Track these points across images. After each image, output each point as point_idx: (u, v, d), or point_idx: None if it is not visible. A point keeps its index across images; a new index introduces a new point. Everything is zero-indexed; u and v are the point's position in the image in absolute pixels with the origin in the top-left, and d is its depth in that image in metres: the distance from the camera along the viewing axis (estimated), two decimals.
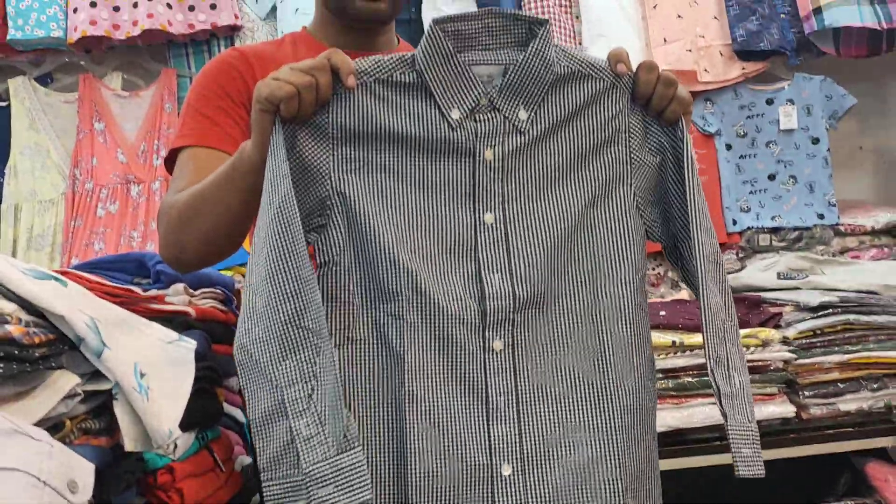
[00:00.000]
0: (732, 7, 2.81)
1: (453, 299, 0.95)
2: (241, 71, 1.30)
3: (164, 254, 1.20)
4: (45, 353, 0.91)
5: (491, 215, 0.97)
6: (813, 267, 2.12)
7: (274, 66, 1.30)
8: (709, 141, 2.89)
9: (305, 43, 1.39)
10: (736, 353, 0.98)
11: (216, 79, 1.31)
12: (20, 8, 2.54)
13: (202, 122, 1.27)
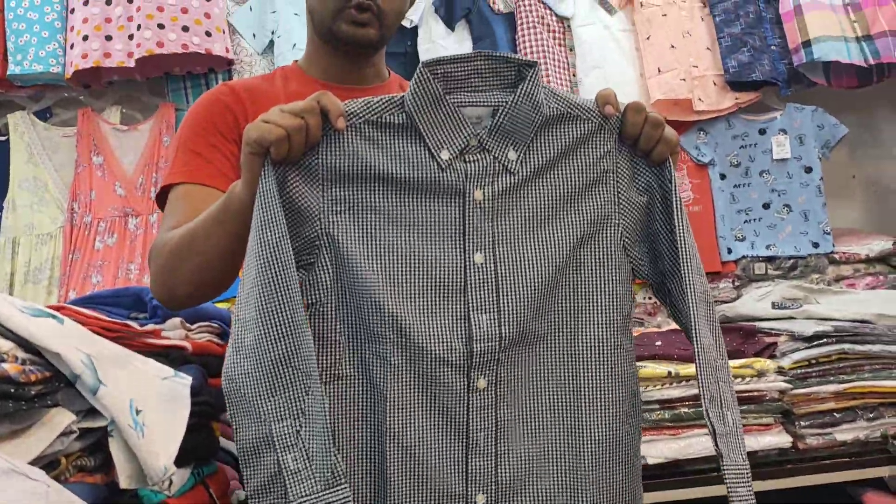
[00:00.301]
0: (724, 39, 2.85)
1: (439, 342, 0.95)
2: (231, 107, 1.31)
3: (156, 292, 1.20)
4: (41, 390, 0.92)
5: (481, 255, 0.98)
6: (807, 296, 2.13)
7: (265, 100, 1.31)
8: (703, 170, 2.91)
9: (296, 77, 1.39)
10: (728, 391, 0.99)
11: (207, 115, 1.31)
12: (19, 43, 2.57)
13: (194, 159, 1.27)
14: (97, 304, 1.58)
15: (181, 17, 2.60)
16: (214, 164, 1.26)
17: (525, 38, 2.85)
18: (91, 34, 2.61)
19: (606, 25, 2.90)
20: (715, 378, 0.98)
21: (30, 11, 2.60)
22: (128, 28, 2.64)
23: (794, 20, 2.82)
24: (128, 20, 2.63)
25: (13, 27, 2.58)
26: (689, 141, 2.91)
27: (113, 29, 2.63)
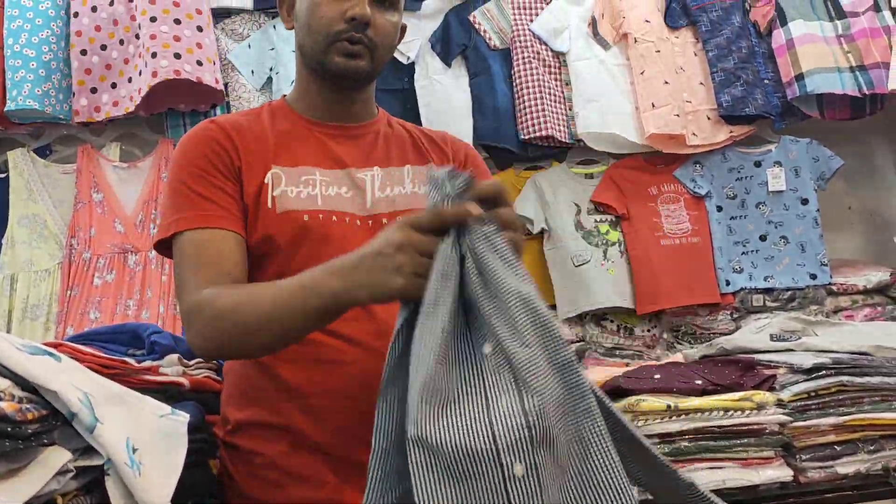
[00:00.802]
0: (717, 74, 2.88)
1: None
2: (224, 145, 1.28)
3: (201, 347, 1.16)
4: (37, 429, 0.91)
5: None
6: (805, 328, 2.13)
7: (253, 138, 1.29)
8: (699, 202, 2.93)
9: (284, 114, 1.37)
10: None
11: (203, 154, 1.26)
12: (15, 79, 2.60)
13: (199, 203, 1.23)
14: (95, 340, 1.58)
15: (173, 45, 2.62)
16: (221, 205, 1.23)
17: (521, 73, 2.88)
18: (98, 85, 2.66)
19: (602, 60, 2.94)
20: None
21: (26, 48, 2.63)
22: (126, 72, 2.67)
23: (787, 54, 2.85)
24: (124, 62, 2.67)
25: (10, 63, 2.61)
26: (686, 173, 2.93)
27: (115, 76, 2.66)
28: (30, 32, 2.65)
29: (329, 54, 1.28)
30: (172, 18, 2.64)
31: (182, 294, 1.18)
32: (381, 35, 1.30)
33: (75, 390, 0.96)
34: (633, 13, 2.93)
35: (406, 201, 1.32)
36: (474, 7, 2.98)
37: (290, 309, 1.04)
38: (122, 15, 2.70)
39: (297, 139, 1.32)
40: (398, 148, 1.40)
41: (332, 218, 1.26)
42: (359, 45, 1.28)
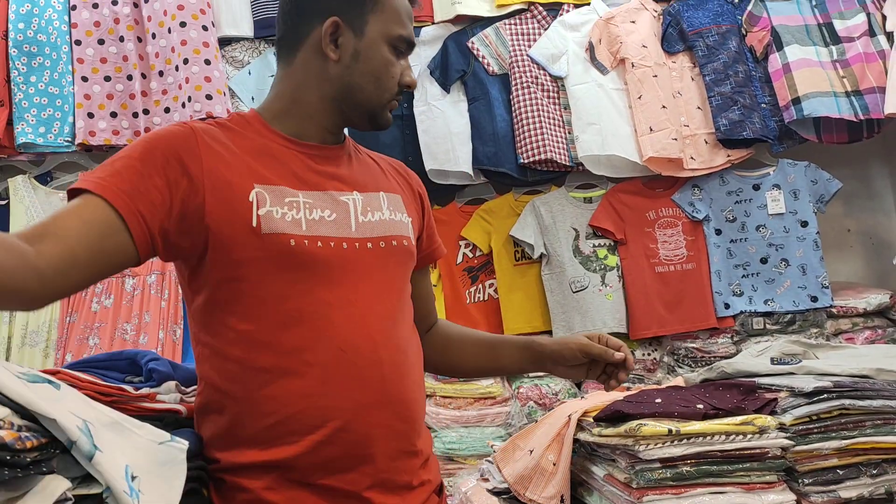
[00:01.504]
0: (714, 98, 2.90)
1: None
2: (196, 143, 1.21)
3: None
4: (36, 457, 0.91)
5: None
6: (806, 351, 2.12)
7: (221, 147, 1.22)
8: (697, 227, 2.93)
9: (257, 128, 1.32)
10: None
11: (172, 143, 1.19)
12: (23, 106, 2.66)
13: (134, 182, 1.13)
14: (93, 367, 1.57)
15: (180, 96, 2.72)
16: (149, 196, 1.14)
17: (520, 98, 2.90)
18: (95, 112, 2.70)
19: (600, 84, 2.96)
20: None
21: (33, 83, 2.67)
22: (132, 106, 2.72)
23: (784, 78, 2.88)
24: (130, 97, 2.71)
25: (17, 98, 2.67)
26: (684, 197, 2.94)
27: (116, 105, 2.70)
28: (40, 68, 2.71)
29: (385, 110, 1.34)
30: (182, 59, 2.73)
31: None
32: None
33: (74, 418, 0.95)
34: (631, 38, 2.96)
35: (386, 227, 1.32)
36: (473, 33, 3.00)
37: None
38: (131, 52, 2.79)
39: (277, 158, 1.29)
40: (369, 173, 1.41)
41: (317, 243, 1.23)
42: (397, 104, 1.36)
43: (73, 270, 1.07)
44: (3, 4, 2.74)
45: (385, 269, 1.29)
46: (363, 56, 1.31)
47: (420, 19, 3.00)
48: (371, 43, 1.30)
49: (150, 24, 2.78)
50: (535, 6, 3.05)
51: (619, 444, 1.81)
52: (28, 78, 2.70)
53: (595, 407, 2.01)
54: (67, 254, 1.06)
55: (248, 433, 1.22)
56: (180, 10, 2.76)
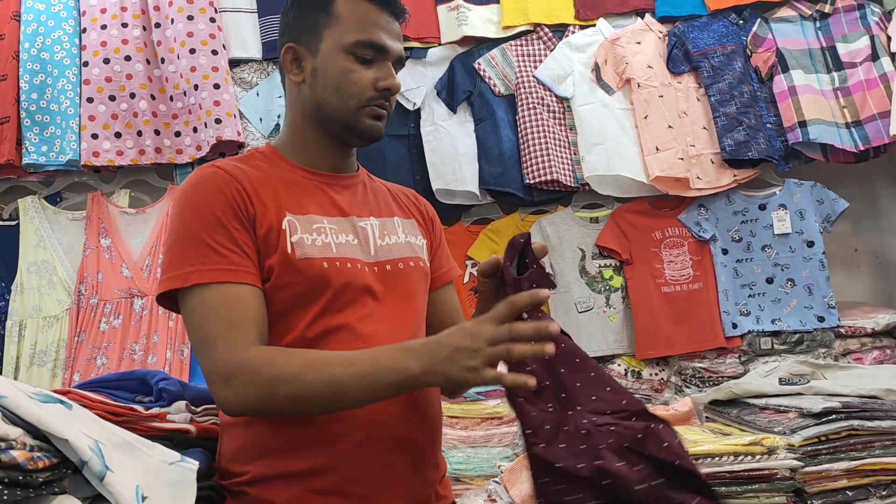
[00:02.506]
0: (720, 118, 2.91)
1: None
2: (238, 191, 1.25)
3: (238, 407, 1.15)
4: (48, 477, 0.91)
5: None
6: (814, 372, 2.12)
7: (259, 186, 1.27)
8: (703, 247, 2.94)
9: (278, 162, 1.36)
10: None
11: (217, 201, 1.23)
12: (25, 125, 2.70)
13: (221, 253, 1.19)
14: (102, 387, 1.57)
15: (191, 120, 2.78)
16: (245, 260, 1.21)
17: (526, 119, 2.92)
18: (99, 132, 2.73)
19: (606, 104, 2.97)
20: None
21: (35, 100, 2.70)
22: (135, 124, 2.75)
23: (789, 99, 2.89)
24: (133, 115, 2.75)
25: (24, 120, 2.71)
26: (690, 217, 2.94)
27: (120, 125, 2.73)
28: (42, 86, 2.74)
29: (360, 117, 1.32)
30: (192, 85, 2.78)
31: (214, 352, 1.14)
32: (394, 100, 1.37)
33: (86, 438, 0.96)
34: (636, 59, 2.98)
35: (401, 250, 1.37)
36: (479, 54, 3.02)
37: (363, 381, 1.11)
38: (139, 72, 2.82)
39: (300, 188, 1.34)
40: (383, 200, 1.45)
41: (346, 265, 1.27)
42: (385, 111, 1.34)
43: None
44: (15, 26, 2.77)
45: (404, 288, 1.34)
46: (320, 71, 1.34)
47: (427, 40, 3.02)
48: (326, 57, 1.34)
49: (159, 49, 2.82)
50: (541, 27, 3.07)
51: None
52: (30, 96, 2.72)
53: None
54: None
55: (277, 444, 1.24)
56: (189, 36, 2.80)
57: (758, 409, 2.03)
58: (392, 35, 1.34)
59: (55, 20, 2.79)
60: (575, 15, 3.10)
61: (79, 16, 2.82)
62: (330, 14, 1.34)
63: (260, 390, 1.12)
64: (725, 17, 3.09)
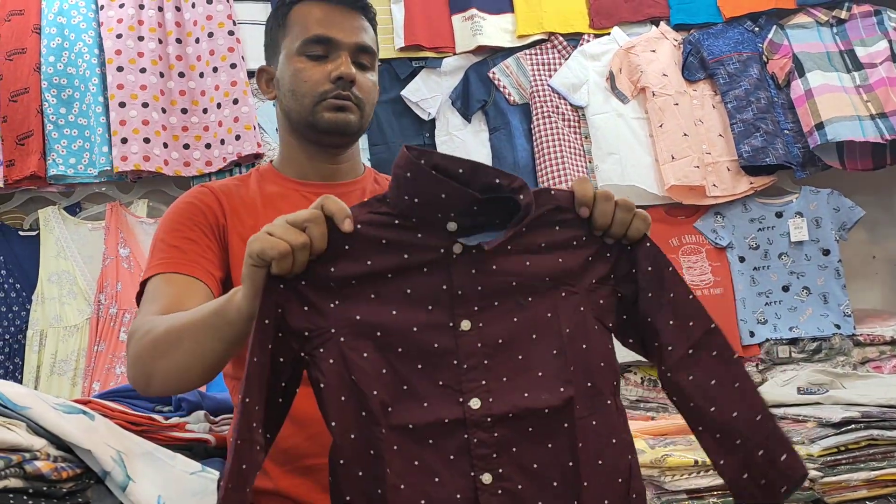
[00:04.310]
0: (737, 125, 2.90)
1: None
2: (209, 205, 1.31)
3: (132, 377, 1.14)
4: (71, 487, 0.93)
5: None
6: (833, 381, 2.10)
7: (240, 203, 1.32)
8: (721, 254, 2.93)
9: (272, 178, 1.40)
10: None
11: (185, 213, 1.31)
12: (52, 138, 2.74)
13: (171, 252, 1.26)
14: (122, 397, 1.59)
15: (204, 136, 2.84)
16: (191, 255, 1.25)
17: (540, 128, 2.92)
18: (129, 137, 2.76)
19: (620, 113, 2.97)
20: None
21: (63, 114, 2.73)
22: (163, 136, 2.79)
23: (806, 103, 2.88)
24: (163, 128, 2.79)
25: (49, 130, 2.76)
26: (707, 224, 2.93)
27: (150, 132, 2.76)
28: (70, 100, 2.79)
29: (318, 113, 1.32)
30: (216, 104, 2.83)
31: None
32: (366, 92, 1.35)
33: (109, 449, 0.97)
34: (651, 67, 2.98)
35: None
36: (494, 64, 3.03)
37: (195, 316, 1.05)
38: (172, 90, 2.87)
39: (285, 200, 1.35)
40: None
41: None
42: (347, 101, 1.33)
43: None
44: (36, 39, 2.81)
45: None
46: (280, 81, 1.38)
47: (441, 50, 3.04)
48: (282, 66, 1.37)
49: (178, 64, 2.85)
50: (556, 36, 3.07)
51: (645, 475, 1.81)
52: (58, 110, 2.76)
53: None
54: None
55: (272, 454, 1.24)
56: (212, 54, 2.86)
57: (776, 419, 2.02)
58: (346, 28, 1.34)
59: (76, 32, 2.83)
60: (589, 24, 3.10)
61: (98, 27, 2.85)
62: (284, 25, 1.37)
63: (134, 352, 1.12)
64: (741, 24, 3.09)
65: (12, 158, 2.70)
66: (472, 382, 0.96)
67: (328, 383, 0.93)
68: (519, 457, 0.96)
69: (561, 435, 0.97)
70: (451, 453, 0.94)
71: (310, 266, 0.93)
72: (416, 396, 0.95)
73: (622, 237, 1.01)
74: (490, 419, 0.95)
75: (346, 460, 0.93)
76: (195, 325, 1.04)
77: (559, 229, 1.00)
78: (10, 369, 2.66)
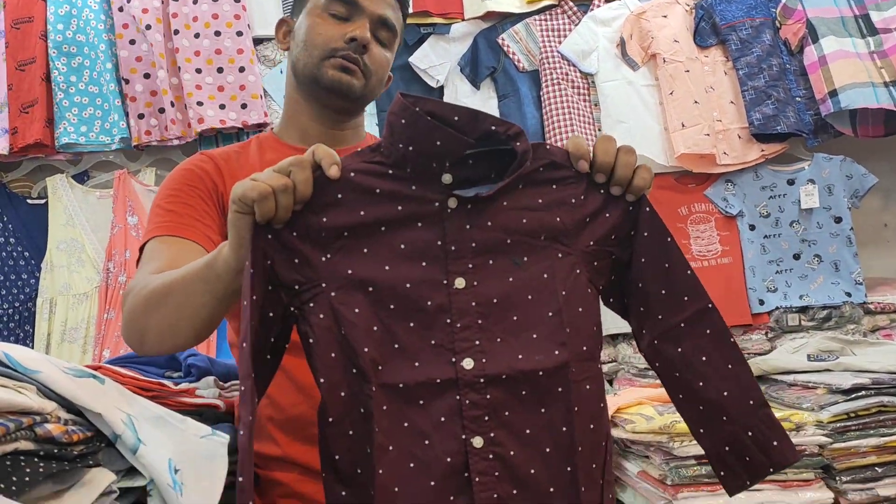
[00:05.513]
0: (748, 92, 2.87)
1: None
2: (208, 171, 1.31)
3: (126, 335, 1.14)
4: (82, 450, 0.93)
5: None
6: (843, 348, 2.10)
7: (238, 168, 1.32)
8: (730, 222, 2.91)
9: (271, 145, 1.39)
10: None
11: (184, 179, 1.31)
12: (63, 106, 2.71)
13: (169, 216, 1.26)
14: (132, 363, 1.60)
15: (218, 96, 2.78)
16: (188, 220, 1.25)
17: (549, 95, 2.89)
18: (145, 112, 2.75)
19: (630, 81, 2.94)
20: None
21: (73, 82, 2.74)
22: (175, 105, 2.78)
23: (819, 70, 2.84)
24: (176, 99, 2.78)
25: (58, 98, 2.73)
26: (717, 192, 2.91)
27: (166, 102, 2.75)
28: (80, 69, 2.76)
29: (323, 68, 1.31)
30: (216, 68, 2.79)
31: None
32: (376, 64, 1.34)
33: (119, 412, 0.97)
34: (662, 33, 2.94)
35: None
36: (503, 30, 3.00)
37: (187, 272, 1.05)
38: (169, 52, 2.82)
39: None
40: None
41: None
42: (354, 65, 1.31)
43: None
44: (42, 6, 2.78)
45: None
46: (296, 34, 1.37)
47: (450, 16, 3.00)
48: (301, 19, 1.36)
49: (174, 21, 2.80)
50: (566, 2, 3.03)
51: (654, 440, 1.81)
52: (68, 78, 2.74)
53: (627, 404, 2.01)
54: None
55: (269, 429, 1.25)
56: (215, 18, 2.81)
57: (786, 386, 2.02)
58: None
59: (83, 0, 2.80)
60: None
61: None
62: None
63: (127, 304, 1.13)
64: None
65: (16, 126, 2.69)
66: (465, 342, 0.94)
67: (318, 339, 0.92)
68: (511, 421, 0.95)
69: (555, 399, 0.96)
70: (442, 415, 0.93)
71: (300, 216, 0.91)
72: (408, 355, 0.94)
73: (626, 186, 0.98)
74: (483, 380, 0.94)
75: (335, 418, 0.92)
76: (185, 280, 1.04)
77: (556, 188, 0.99)
78: (20, 337, 2.68)
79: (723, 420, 0.99)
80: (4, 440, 0.82)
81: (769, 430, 0.99)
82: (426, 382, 0.93)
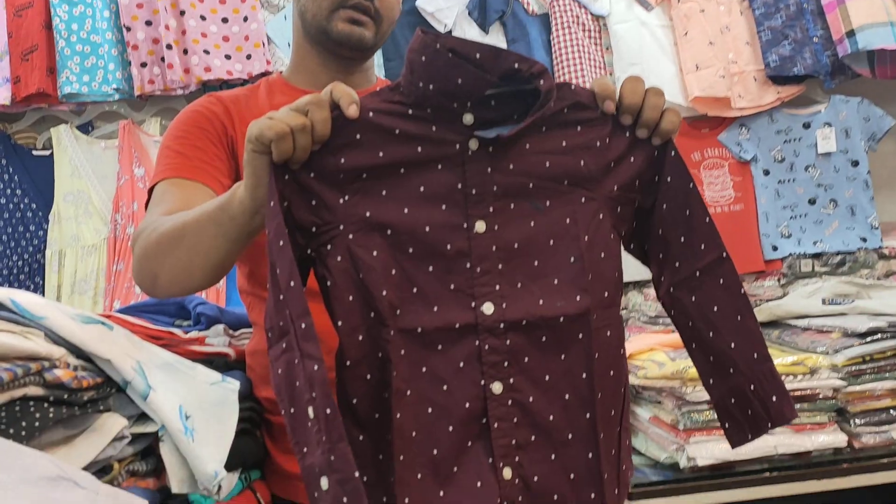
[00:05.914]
0: (764, 32, 2.80)
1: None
2: (217, 114, 1.28)
3: (137, 277, 1.13)
4: (93, 396, 0.92)
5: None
6: (859, 292, 2.08)
7: (247, 111, 1.29)
8: (744, 167, 2.86)
9: (281, 88, 1.36)
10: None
11: (193, 121, 1.28)
12: (65, 54, 2.67)
13: (178, 159, 1.24)
14: (142, 312, 1.59)
15: (223, 45, 2.74)
16: (197, 162, 1.23)
17: (560, 39, 2.83)
18: (148, 60, 2.71)
19: (643, 22, 2.87)
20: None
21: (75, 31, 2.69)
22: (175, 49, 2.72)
23: (837, 9, 2.76)
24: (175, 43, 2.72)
25: (60, 47, 2.68)
26: (731, 137, 2.86)
27: (165, 50, 2.70)
28: (82, 17, 2.71)
29: (332, 20, 1.27)
30: (220, 18, 2.75)
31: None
32: (386, 8, 1.30)
33: (129, 359, 0.96)
34: None
35: None
36: None
37: (200, 213, 1.03)
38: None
39: None
40: None
41: None
42: (364, 15, 1.27)
43: None
44: None
45: None
46: None
47: None
48: None
49: None
50: None
51: (666, 385, 1.81)
52: (70, 26, 2.69)
53: (639, 350, 2.00)
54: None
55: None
56: None
57: (800, 330, 2.00)
58: None
59: None
60: None
61: None
62: None
63: (138, 247, 1.12)
64: None
65: (18, 75, 2.65)
66: (485, 287, 0.93)
67: (335, 282, 0.91)
68: (531, 368, 0.94)
69: (576, 345, 0.95)
70: (461, 360, 0.92)
71: (318, 156, 0.89)
72: (426, 299, 0.92)
73: (653, 128, 0.96)
74: (503, 325, 0.93)
75: (352, 362, 0.91)
76: (199, 221, 1.02)
77: (580, 129, 0.96)
78: (30, 288, 2.68)
79: (730, 372, 0.99)
80: (12, 385, 0.82)
81: (769, 385, 0.99)
82: (445, 327, 0.92)
